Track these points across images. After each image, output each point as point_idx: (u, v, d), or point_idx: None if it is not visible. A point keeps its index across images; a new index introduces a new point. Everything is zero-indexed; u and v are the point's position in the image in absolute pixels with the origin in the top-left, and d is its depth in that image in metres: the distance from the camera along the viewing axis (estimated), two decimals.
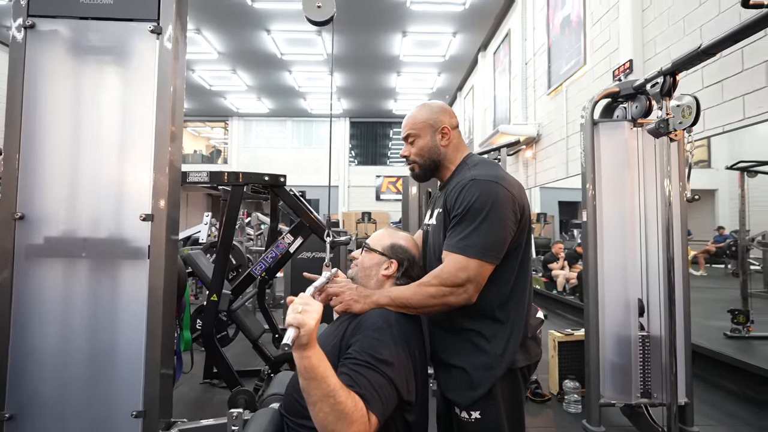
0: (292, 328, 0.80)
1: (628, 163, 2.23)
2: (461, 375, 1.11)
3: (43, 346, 1.12)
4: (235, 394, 2.06)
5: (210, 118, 16.09)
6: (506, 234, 1.05)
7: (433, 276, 1.04)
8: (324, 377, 0.84)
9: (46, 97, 1.15)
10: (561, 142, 5.78)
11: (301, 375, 0.84)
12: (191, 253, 2.53)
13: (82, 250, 1.14)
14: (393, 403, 0.92)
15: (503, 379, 1.10)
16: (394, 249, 1.17)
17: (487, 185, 1.06)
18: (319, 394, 0.83)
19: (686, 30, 3.42)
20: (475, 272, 1.02)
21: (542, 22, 6.47)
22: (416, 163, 1.24)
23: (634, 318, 2.18)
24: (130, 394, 1.13)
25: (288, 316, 0.82)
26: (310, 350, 0.83)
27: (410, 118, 1.24)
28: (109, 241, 1.15)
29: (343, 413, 0.83)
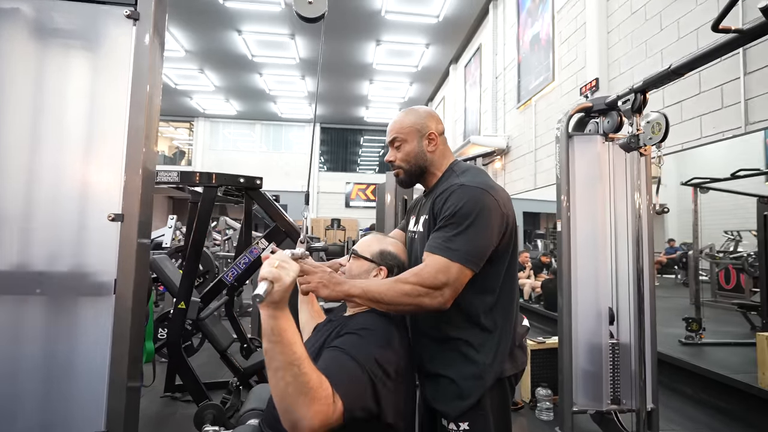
0: (266, 281, 0.75)
1: (600, 176, 2.31)
2: (449, 385, 1.08)
3: None
4: (202, 409, 1.93)
5: (174, 117, 15.48)
6: (490, 242, 1.03)
7: (412, 274, 0.99)
8: (291, 343, 0.78)
9: (4, 82, 1.04)
10: (530, 154, 5.96)
11: (266, 336, 0.78)
12: (156, 258, 2.37)
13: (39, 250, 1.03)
14: (364, 397, 0.86)
15: (492, 389, 1.08)
16: (383, 255, 1.13)
17: (475, 192, 1.04)
18: (282, 360, 0.77)
19: (648, 52, 3.62)
20: (455, 276, 0.98)
21: (513, 38, 6.69)
22: (401, 168, 1.21)
23: (605, 326, 2.24)
24: (91, 412, 1.02)
25: (263, 269, 0.78)
26: (281, 311, 0.78)
27: (397, 122, 1.21)
28: (71, 242, 1.04)
29: (307, 387, 0.77)
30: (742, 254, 6.32)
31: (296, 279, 0.81)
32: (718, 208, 9.97)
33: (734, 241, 7.67)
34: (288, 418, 0.77)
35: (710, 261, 6.89)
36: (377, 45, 9.02)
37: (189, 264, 2.03)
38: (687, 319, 4.16)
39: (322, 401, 0.78)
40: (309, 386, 0.77)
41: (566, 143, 2.30)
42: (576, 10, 4.83)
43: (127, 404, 1.05)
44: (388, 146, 1.25)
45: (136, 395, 1.11)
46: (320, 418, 0.77)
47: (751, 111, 2.73)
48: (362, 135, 16.21)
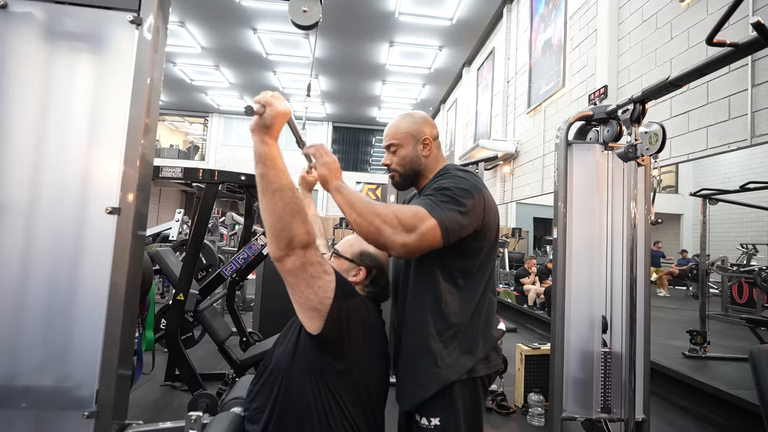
0: (258, 104, 0.84)
1: (598, 184, 2.31)
2: (408, 378, 1.12)
3: None
4: (196, 397, 1.99)
5: (189, 112, 15.75)
6: (469, 223, 1.04)
7: (389, 205, 1.02)
8: (284, 171, 0.88)
9: (14, 81, 1.10)
10: (538, 159, 5.93)
11: (260, 162, 0.86)
12: (159, 250, 2.45)
13: (40, 240, 1.09)
14: (326, 272, 0.93)
15: (464, 387, 1.10)
16: (363, 256, 1.17)
17: (467, 176, 1.13)
18: (278, 183, 0.86)
19: (657, 61, 3.59)
20: (426, 229, 0.98)
21: (525, 43, 6.67)
22: (397, 171, 1.25)
23: (597, 334, 2.25)
24: (82, 394, 1.08)
25: (257, 96, 0.86)
26: (272, 140, 0.87)
27: (393, 127, 1.25)
28: (72, 233, 1.10)
29: (300, 207, 0.87)
30: (754, 268, 6.19)
31: (287, 114, 0.89)
32: (737, 220, 9.78)
33: (747, 255, 7.52)
34: (284, 236, 0.86)
35: (722, 274, 6.76)
36: (390, 46, 9.07)
37: (188, 257, 2.10)
38: (691, 331, 4.11)
39: (311, 226, 0.89)
40: (302, 208, 0.88)
41: (565, 151, 2.31)
42: (588, 16, 4.81)
43: (116, 390, 1.11)
44: (385, 150, 1.28)
45: (126, 383, 1.17)
46: (311, 238, 0.88)
47: (757, 123, 2.69)
48: (374, 135, 16.28)
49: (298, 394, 0.96)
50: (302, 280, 0.89)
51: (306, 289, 0.90)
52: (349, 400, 0.98)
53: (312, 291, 0.90)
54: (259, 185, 0.87)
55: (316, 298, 0.91)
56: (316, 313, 0.92)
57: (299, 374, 0.97)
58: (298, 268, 0.88)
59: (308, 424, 0.95)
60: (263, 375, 1.04)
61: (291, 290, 0.91)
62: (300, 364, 0.97)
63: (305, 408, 0.95)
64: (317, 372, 0.96)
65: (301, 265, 0.88)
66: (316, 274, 0.90)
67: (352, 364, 0.99)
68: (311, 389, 0.95)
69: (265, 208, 0.86)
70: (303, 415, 0.95)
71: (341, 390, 0.97)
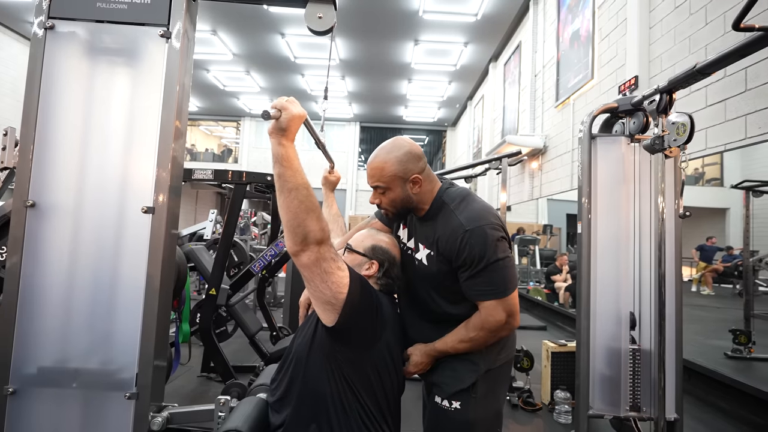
0: (274, 109, 0.89)
1: (625, 178, 2.26)
2: (448, 369, 1.20)
3: (46, 328, 1.18)
4: (228, 386, 2.11)
5: (222, 117, 16.32)
6: (512, 260, 1.16)
7: (479, 328, 1.13)
8: (300, 170, 0.92)
9: (61, 93, 1.22)
10: (567, 154, 5.79)
11: (277, 162, 0.91)
12: (194, 248, 2.60)
13: (85, 238, 1.20)
14: (340, 268, 0.98)
15: (486, 375, 1.19)
16: (375, 250, 1.21)
17: (481, 233, 1.12)
18: (294, 182, 0.91)
19: (692, 48, 3.44)
20: (510, 305, 1.13)
21: (552, 35, 6.52)
22: (389, 210, 1.25)
23: (625, 331, 2.20)
24: (124, 378, 1.19)
25: (274, 101, 0.91)
26: (288, 142, 0.91)
27: (377, 168, 1.19)
28: (112, 231, 1.21)
29: (315, 206, 0.92)
30: None
31: (302, 117, 0.93)
32: None
33: None
34: (299, 232, 0.91)
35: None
36: (415, 45, 9.06)
37: (219, 253, 2.22)
38: (734, 331, 3.91)
39: (325, 224, 0.94)
40: (317, 206, 0.93)
41: (589, 144, 2.28)
42: (617, 5, 4.65)
43: (153, 374, 1.21)
44: (371, 186, 1.23)
45: (162, 368, 1.27)
46: (325, 235, 0.93)
47: None
48: (401, 134, 16.29)
49: (315, 383, 1.02)
50: (317, 275, 0.94)
51: (320, 283, 0.94)
52: (365, 389, 1.02)
53: (326, 286, 0.95)
54: (276, 184, 0.93)
55: (329, 293, 0.95)
56: (330, 306, 0.97)
57: (316, 364, 1.02)
58: (313, 263, 0.93)
59: (324, 412, 1.00)
60: (284, 364, 1.11)
61: (307, 284, 0.96)
62: (317, 355, 1.03)
63: (321, 396, 1.01)
64: (333, 362, 1.01)
65: (316, 260, 0.92)
66: (329, 269, 0.95)
67: (366, 354, 1.04)
68: (328, 378, 1.01)
69: (282, 205, 0.92)
70: (320, 403, 1.01)
71: (356, 379, 1.01)
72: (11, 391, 1.14)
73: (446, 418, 1.17)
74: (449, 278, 1.17)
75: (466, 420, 1.15)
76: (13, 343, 1.16)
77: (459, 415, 1.16)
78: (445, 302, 1.21)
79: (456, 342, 1.16)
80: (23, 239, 1.18)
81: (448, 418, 1.16)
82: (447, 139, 15.92)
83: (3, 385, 1.14)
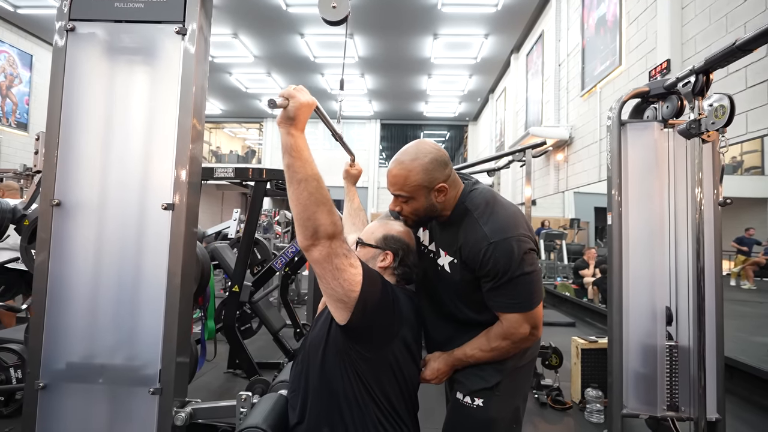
0: (282, 97, 0.85)
1: (658, 166, 2.15)
2: (474, 368, 1.17)
3: (73, 325, 1.21)
4: (252, 382, 2.13)
5: (245, 119, 16.62)
6: (539, 273, 1.11)
7: (501, 338, 1.10)
8: (309, 161, 0.88)
9: (82, 94, 1.24)
10: (594, 144, 5.59)
11: (286, 152, 0.88)
12: (217, 246, 2.64)
13: (109, 235, 1.22)
14: (351, 263, 0.94)
15: (510, 374, 1.16)
16: (387, 240, 1.17)
17: (506, 246, 1.06)
18: (304, 173, 0.87)
19: (729, 27, 3.24)
20: (535, 318, 1.09)
21: (577, 22, 6.30)
22: (410, 218, 1.18)
23: (661, 327, 2.09)
24: (148, 373, 1.20)
25: (281, 90, 0.87)
26: (297, 132, 0.88)
27: (400, 176, 1.11)
28: (134, 228, 1.23)
29: (326, 198, 0.88)
30: None
31: (311, 105, 0.89)
32: None
33: None
34: (309, 225, 0.87)
35: None
36: (435, 39, 8.95)
37: (242, 251, 2.24)
38: None
39: (337, 217, 0.90)
40: (328, 198, 0.88)
41: (618, 132, 2.17)
42: None
43: (176, 370, 1.21)
44: (392, 193, 1.18)
45: (185, 364, 1.28)
46: (337, 229, 0.89)
47: None
48: (422, 130, 16.18)
49: (329, 380, 0.99)
50: (328, 271, 0.90)
51: (332, 280, 0.91)
52: (380, 387, 0.99)
53: (338, 283, 0.91)
54: (286, 176, 0.90)
55: (342, 291, 0.92)
56: (342, 304, 0.93)
57: (331, 361, 1.00)
58: (324, 259, 0.89)
59: (337, 409, 0.98)
60: (300, 359, 1.10)
61: (319, 281, 0.93)
62: (331, 351, 1.00)
63: (335, 393, 0.98)
64: (347, 359, 0.98)
65: (327, 255, 0.89)
66: (341, 266, 0.91)
67: (382, 352, 1.01)
68: (341, 375, 0.98)
69: (292, 197, 0.88)
70: (333, 400, 0.98)
71: (371, 377, 0.98)
72: (42, 386, 1.18)
73: (468, 414, 1.14)
74: (473, 287, 1.14)
75: (488, 417, 1.13)
76: (43, 340, 1.19)
77: (481, 412, 1.13)
78: (470, 310, 1.18)
79: (477, 351, 1.13)
80: (50, 238, 1.20)
81: (470, 415, 1.14)
82: (468, 134, 15.69)
83: (35, 380, 1.18)
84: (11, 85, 8.94)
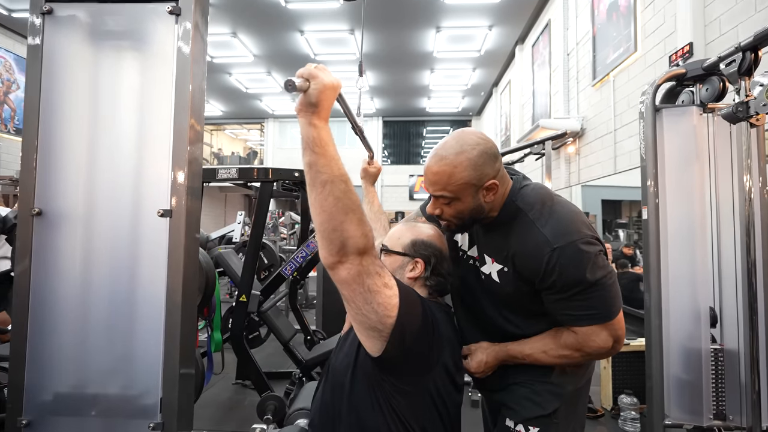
0: (301, 78, 0.69)
1: (697, 154, 1.97)
2: (528, 394, 1.03)
3: (60, 350, 1.06)
4: (264, 400, 1.97)
5: (246, 120, 16.49)
6: (614, 275, 0.97)
7: (574, 349, 0.97)
8: (336, 159, 0.72)
9: (63, 88, 1.09)
10: (608, 135, 5.40)
11: (308, 147, 0.72)
12: (222, 252, 2.49)
13: (99, 246, 1.07)
14: (388, 285, 0.79)
15: (570, 399, 1.03)
16: (416, 245, 1.00)
17: (574, 252, 0.91)
18: (330, 173, 0.71)
19: (758, 5, 3.04)
20: (617, 329, 0.96)
21: (586, 9, 6.09)
22: (453, 222, 1.02)
23: (705, 329, 1.92)
24: (147, 402, 1.05)
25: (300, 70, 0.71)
26: (321, 121, 0.72)
27: (443, 174, 0.94)
28: (127, 238, 1.07)
29: (356, 204, 0.72)
30: None
31: (337, 87, 0.73)
32: None
33: None
34: (336, 238, 0.71)
35: None
36: (437, 32, 8.77)
37: (248, 257, 2.08)
38: None
39: (368, 228, 0.73)
40: (358, 204, 0.72)
41: (653, 118, 1.99)
42: None
43: (180, 398, 1.06)
44: (431, 194, 1.01)
45: (189, 389, 1.13)
46: (368, 242, 0.73)
47: None
48: (425, 126, 16.00)
49: (359, 415, 0.84)
50: (359, 294, 0.75)
51: (364, 305, 0.75)
52: (418, 423, 0.83)
53: (371, 308, 0.75)
54: (307, 176, 0.73)
55: (375, 317, 0.76)
56: (376, 333, 0.78)
57: (360, 393, 0.84)
58: (353, 279, 0.74)
59: None
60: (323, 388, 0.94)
61: (347, 305, 0.77)
62: (361, 382, 0.84)
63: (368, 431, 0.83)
64: (380, 392, 0.83)
65: (357, 274, 0.73)
66: (375, 287, 0.75)
67: (421, 383, 0.85)
68: (373, 409, 0.83)
69: (314, 203, 0.72)
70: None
71: (408, 413, 0.82)
72: (25, 423, 1.02)
73: None
74: (529, 298, 0.98)
75: None
76: (26, 369, 1.04)
77: None
78: (523, 322, 1.03)
79: (538, 352, 0.98)
80: (31, 252, 1.05)
81: None
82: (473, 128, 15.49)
83: (17, 416, 1.02)
84: (9, 90, 8.82)
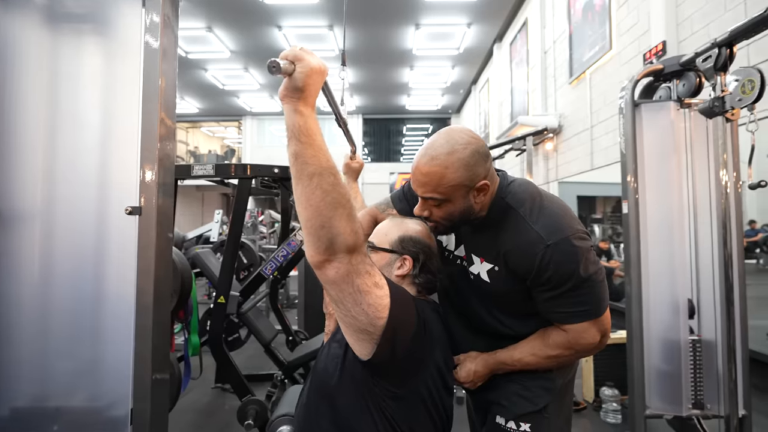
0: (285, 60, 0.66)
1: (675, 149, 2.00)
2: (519, 390, 1.01)
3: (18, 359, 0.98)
4: (245, 404, 1.91)
5: (223, 117, 16.13)
6: (603, 272, 0.96)
7: (565, 347, 0.95)
8: (323, 150, 0.68)
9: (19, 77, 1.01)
10: (585, 132, 5.50)
11: (293, 136, 0.68)
12: (199, 252, 2.39)
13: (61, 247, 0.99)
14: (376, 281, 0.75)
15: (559, 393, 1.03)
16: (404, 242, 0.96)
17: (567, 248, 0.89)
18: (317, 164, 0.66)
19: (728, 5, 3.14)
20: (604, 324, 0.96)
21: (563, 8, 6.19)
22: (441, 224, 0.98)
23: (683, 321, 1.96)
24: (117, 414, 0.98)
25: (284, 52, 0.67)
26: (307, 108, 0.68)
27: (434, 175, 0.89)
28: (92, 237, 1.00)
29: (345, 198, 0.67)
30: None
31: (324, 72, 0.71)
32: None
33: None
34: (323, 235, 0.66)
35: None
36: (416, 29, 8.76)
37: (227, 257, 2.01)
38: None
39: (358, 224, 0.68)
40: (347, 199, 0.67)
41: (632, 113, 2.01)
42: None
43: (153, 408, 0.99)
44: (420, 196, 0.95)
45: (163, 398, 1.06)
46: (358, 239, 0.68)
47: None
48: (404, 124, 16.01)
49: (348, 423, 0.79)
50: (348, 294, 0.70)
51: (353, 306, 0.71)
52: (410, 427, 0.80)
53: (360, 309, 0.71)
54: (292, 168, 0.69)
55: (365, 319, 0.72)
56: (366, 336, 0.73)
57: (348, 398, 0.80)
58: (342, 279, 0.69)
59: None
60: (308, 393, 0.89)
61: (335, 307, 0.73)
62: (348, 387, 0.80)
63: None
64: (369, 397, 0.79)
65: (346, 274, 0.69)
66: (365, 287, 0.71)
67: (413, 386, 0.81)
68: (362, 415, 0.78)
69: (300, 197, 0.67)
70: None
71: (400, 417, 0.78)
72: None
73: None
74: (521, 296, 0.96)
75: None
76: None
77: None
78: (514, 321, 1.01)
79: (528, 356, 0.96)
80: None
81: None
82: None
83: None
84: None
